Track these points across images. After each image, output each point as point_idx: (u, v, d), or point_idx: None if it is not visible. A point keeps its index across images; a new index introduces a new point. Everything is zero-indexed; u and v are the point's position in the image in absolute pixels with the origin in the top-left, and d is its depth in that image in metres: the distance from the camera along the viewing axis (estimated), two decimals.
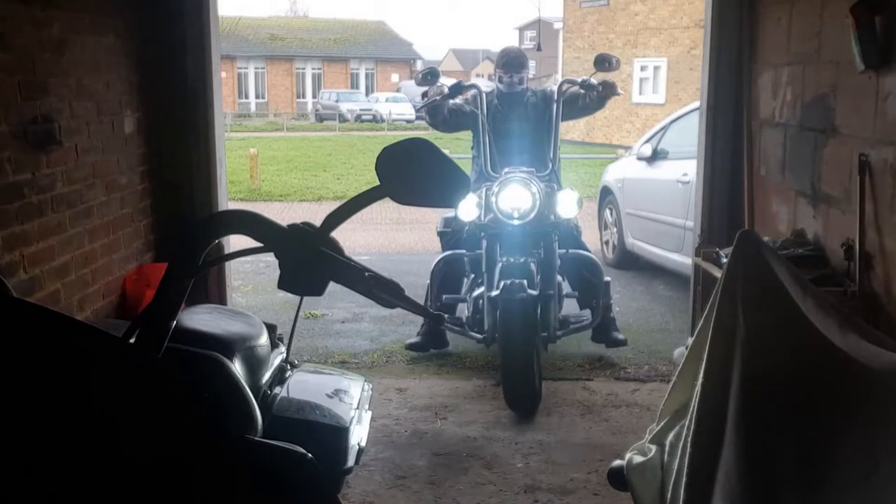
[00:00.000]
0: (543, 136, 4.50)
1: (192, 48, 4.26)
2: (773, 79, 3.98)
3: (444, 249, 4.70)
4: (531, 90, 4.74)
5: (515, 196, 4.02)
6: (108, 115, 3.88)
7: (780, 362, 2.24)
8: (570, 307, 4.61)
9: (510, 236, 4.04)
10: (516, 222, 4.01)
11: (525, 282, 3.77)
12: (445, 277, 4.50)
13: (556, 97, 4.48)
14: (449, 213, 4.72)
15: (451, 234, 4.68)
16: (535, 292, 3.82)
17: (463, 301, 4.50)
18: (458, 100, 4.56)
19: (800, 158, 3.71)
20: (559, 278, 4.31)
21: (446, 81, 4.57)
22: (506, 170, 4.14)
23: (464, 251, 4.41)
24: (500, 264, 3.96)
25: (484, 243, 4.13)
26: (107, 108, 3.86)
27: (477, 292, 4.24)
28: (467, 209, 4.14)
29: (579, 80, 4.48)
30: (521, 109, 4.57)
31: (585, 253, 4.48)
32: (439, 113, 4.58)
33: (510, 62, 4.69)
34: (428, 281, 4.51)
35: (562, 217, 4.14)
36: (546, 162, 4.40)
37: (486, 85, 4.81)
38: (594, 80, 4.37)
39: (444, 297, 4.44)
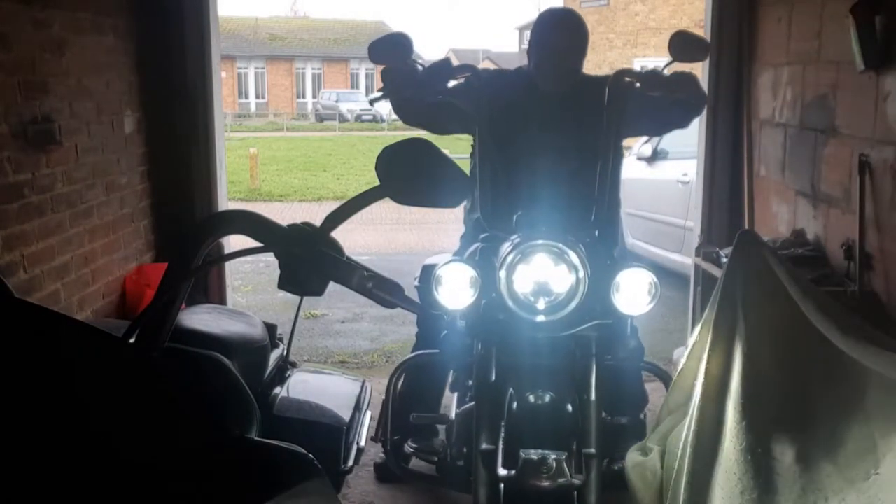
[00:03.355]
0: (590, 157, 2.57)
1: (191, 48, 4.26)
2: (773, 79, 3.98)
3: (419, 323, 3.01)
4: (584, 81, 2.77)
5: (541, 275, 2.20)
6: (108, 115, 3.88)
7: (779, 362, 2.25)
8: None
9: (530, 347, 2.27)
10: (541, 320, 2.21)
11: (563, 457, 2.04)
12: (412, 391, 2.88)
13: (607, 99, 2.55)
14: (433, 258, 2.94)
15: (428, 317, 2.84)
16: (579, 479, 2.10)
17: (442, 422, 2.75)
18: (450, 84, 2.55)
19: (800, 158, 3.71)
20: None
21: (420, 58, 2.58)
22: (518, 214, 2.34)
23: (437, 351, 2.65)
24: (510, 403, 2.22)
25: (478, 346, 2.35)
26: (107, 108, 3.86)
27: (466, 407, 2.46)
28: (453, 290, 2.27)
29: (643, 71, 2.52)
30: (564, 114, 2.66)
31: (649, 364, 2.81)
32: (413, 111, 2.68)
33: (558, 35, 2.71)
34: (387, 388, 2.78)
35: (622, 314, 2.30)
36: (590, 203, 2.53)
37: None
38: (667, 73, 2.51)
39: (413, 415, 2.66)
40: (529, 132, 2.65)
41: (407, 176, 1.25)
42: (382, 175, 1.25)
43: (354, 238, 8.73)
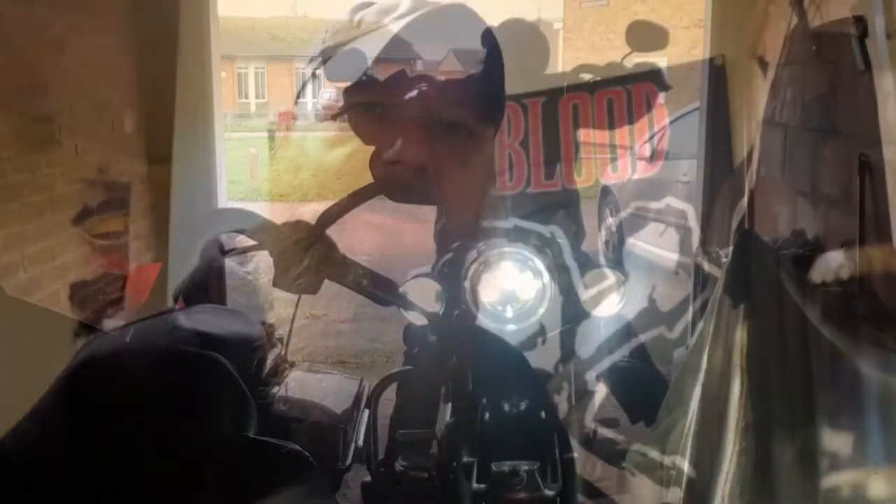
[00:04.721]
0: (550, 156, 2.86)
1: (192, 48, 4.26)
2: (773, 79, 3.97)
3: (405, 340, 2.94)
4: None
5: (507, 283, 2.23)
6: (108, 115, 3.87)
7: (779, 362, 2.24)
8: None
9: (497, 356, 2.26)
10: (510, 329, 2.24)
11: (535, 467, 2.02)
12: (404, 408, 2.84)
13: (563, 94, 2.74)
14: (419, 270, 2.68)
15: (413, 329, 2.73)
16: (554, 488, 2.03)
17: (433, 437, 2.60)
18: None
19: (800, 158, 3.70)
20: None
21: (372, 69, 2.62)
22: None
23: (410, 368, 2.68)
24: (483, 414, 2.19)
25: (452, 360, 2.39)
26: (107, 108, 3.86)
27: (451, 420, 2.41)
28: (420, 301, 2.23)
29: (602, 64, 2.81)
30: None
31: (628, 361, 2.79)
32: (367, 124, 2.58)
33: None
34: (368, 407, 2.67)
35: (593, 316, 2.37)
36: (554, 202, 2.80)
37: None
38: (627, 64, 2.74)
39: (400, 433, 2.58)
40: None
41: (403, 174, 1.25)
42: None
43: (354, 238, 8.72)
